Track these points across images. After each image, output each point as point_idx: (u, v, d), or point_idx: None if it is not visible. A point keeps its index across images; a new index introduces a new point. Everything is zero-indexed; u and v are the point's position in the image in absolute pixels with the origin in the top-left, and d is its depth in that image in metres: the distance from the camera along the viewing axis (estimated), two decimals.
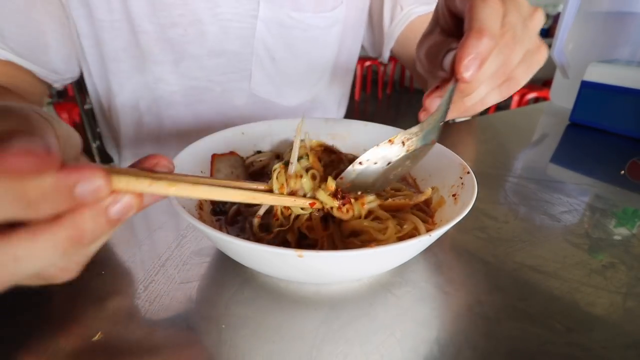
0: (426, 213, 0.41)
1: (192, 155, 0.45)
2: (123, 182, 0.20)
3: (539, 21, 0.35)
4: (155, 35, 0.59)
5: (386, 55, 0.79)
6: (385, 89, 4.87)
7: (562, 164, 0.71)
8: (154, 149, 0.73)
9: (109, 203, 0.19)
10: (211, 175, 0.48)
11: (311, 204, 0.37)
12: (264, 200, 0.33)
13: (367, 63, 4.52)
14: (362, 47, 0.83)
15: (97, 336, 0.31)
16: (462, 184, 0.38)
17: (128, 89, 0.65)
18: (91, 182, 0.18)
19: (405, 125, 0.35)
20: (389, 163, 0.37)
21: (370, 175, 0.38)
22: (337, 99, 0.85)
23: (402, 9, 0.70)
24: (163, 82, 0.65)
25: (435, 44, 0.36)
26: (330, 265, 0.29)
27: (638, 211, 0.55)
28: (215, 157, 0.50)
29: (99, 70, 0.65)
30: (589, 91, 0.86)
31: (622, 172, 0.66)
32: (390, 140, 0.37)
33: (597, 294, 0.38)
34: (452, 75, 0.32)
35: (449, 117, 0.35)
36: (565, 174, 0.67)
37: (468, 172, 0.38)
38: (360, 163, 0.37)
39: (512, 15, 0.32)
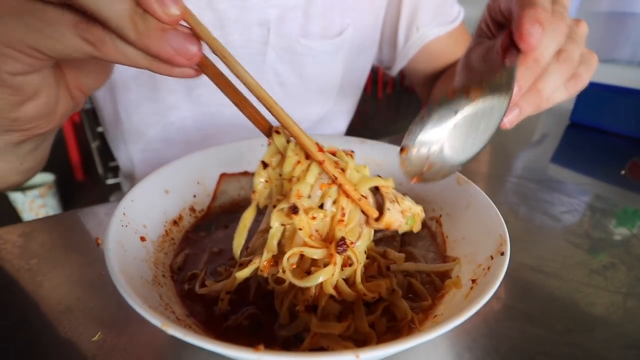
0: (435, 289, 0.33)
1: (189, 167, 0.42)
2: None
3: (585, 28, 0.35)
4: None
5: (396, 71, 0.80)
6: (385, 89, 4.87)
7: (563, 164, 0.71)
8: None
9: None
10: (213, 197, 0.43)
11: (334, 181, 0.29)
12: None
13: None
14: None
15: (97, 336, 0.31)
16: (488, 268, 0.29)
17: (135, 117, 0.66)
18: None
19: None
20: (456, 112, 0.30)
21: (439, 133, 0.30)
22: (345, 113, 0.85)
23: (418, 29, 0.70)
24: (176, 109, 0.66)
25: (489, 47, 0.37)
26: None
27: (638, 211, 0.55)
28: (223, 177, 0.44)
29: (107, 98, 0.65)
30: (589, 91, 0.85)
31: (623, 172, 0.66)
32: (448, 94, 0.30)
33: (597, 294, 0.38)
34: (504, 53, 0.32)
35: (525, 112, 0.33)
36: (565, 174, 0.67)
37: (502, 254, 0.29)
38: (421, 117, 0.30)
39: (560, 5, 0.32)
